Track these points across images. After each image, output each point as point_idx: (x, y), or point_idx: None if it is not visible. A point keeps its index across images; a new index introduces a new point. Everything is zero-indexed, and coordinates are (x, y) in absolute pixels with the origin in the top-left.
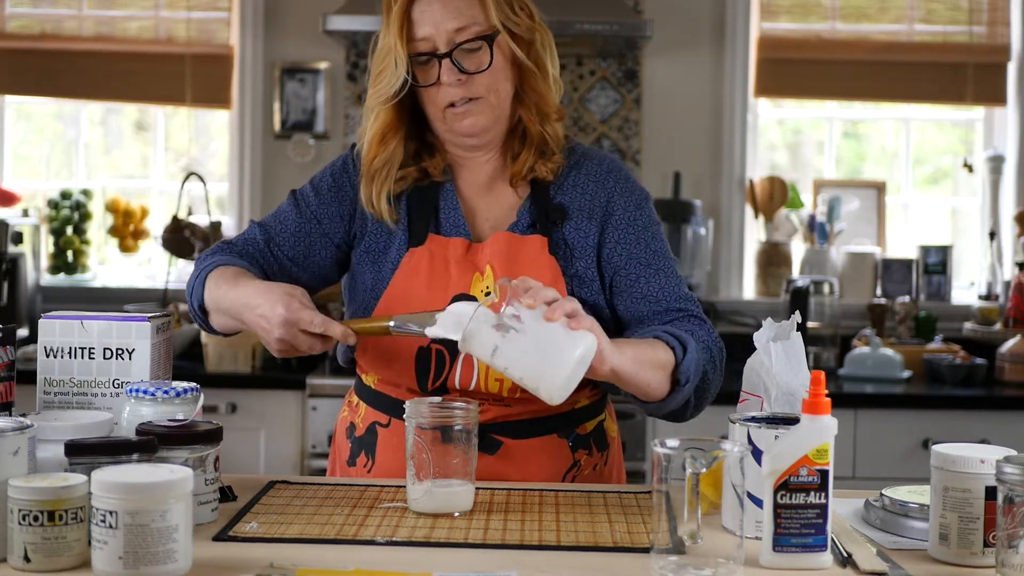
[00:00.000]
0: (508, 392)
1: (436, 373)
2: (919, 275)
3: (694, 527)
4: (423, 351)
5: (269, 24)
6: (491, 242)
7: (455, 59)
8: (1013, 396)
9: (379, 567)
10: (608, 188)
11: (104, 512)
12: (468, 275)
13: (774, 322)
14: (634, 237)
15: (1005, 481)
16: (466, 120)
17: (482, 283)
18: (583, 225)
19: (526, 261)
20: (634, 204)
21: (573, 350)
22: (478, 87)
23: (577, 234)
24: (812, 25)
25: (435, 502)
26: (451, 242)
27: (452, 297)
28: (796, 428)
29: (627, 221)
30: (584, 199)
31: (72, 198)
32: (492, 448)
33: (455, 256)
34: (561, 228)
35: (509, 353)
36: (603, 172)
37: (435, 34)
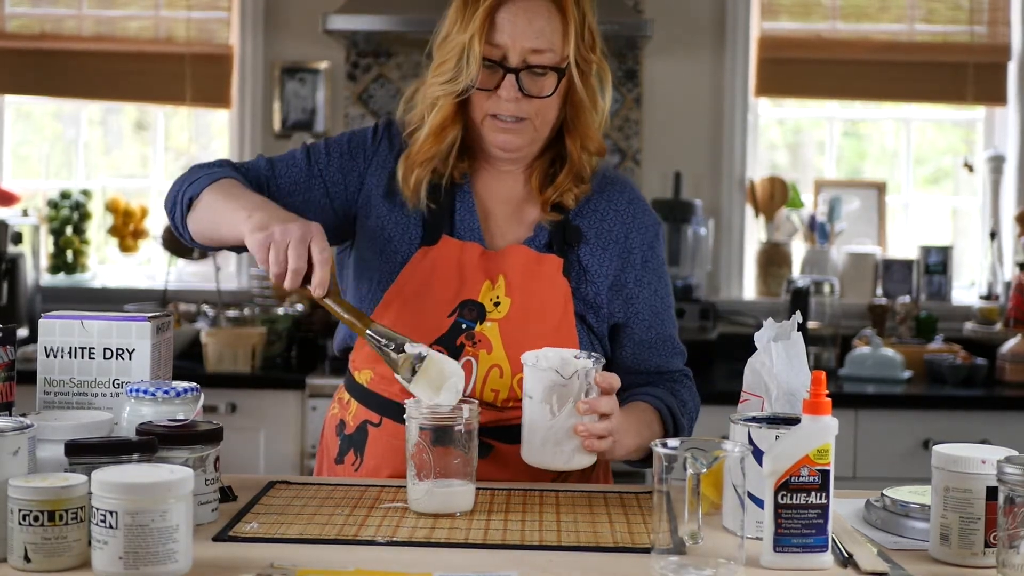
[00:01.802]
0: (502, 403)
1: None
2: (920, 275)
3: (695, 527)
4: None
5: (269, 24)
6: (509, 253)
7: (520, 78)
8: (1014, 396)
9: (379, 567)
10: (627, 221)
11: (104, 512)
12: (479, 282)
13: (775, 322)
14: (647, 283)
15: (1006, 481)
16: (503, 136)
17: (492, 292)
18: (598, 253)
19: (543, 279)
20: (649, 241)
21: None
22: (529, 110)
23: (592, 260)
24: (812, 25)
25: (436, 502)
26: (466, 246)
27: (459, 302)
28: (797, 428)
29: (642, 261)
30: (603, 226)
31: (72, 198)
32: (484, 451)
33: (469, 261)
34: (576, 251)
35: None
36: (624, 202)
37: (511, 46)
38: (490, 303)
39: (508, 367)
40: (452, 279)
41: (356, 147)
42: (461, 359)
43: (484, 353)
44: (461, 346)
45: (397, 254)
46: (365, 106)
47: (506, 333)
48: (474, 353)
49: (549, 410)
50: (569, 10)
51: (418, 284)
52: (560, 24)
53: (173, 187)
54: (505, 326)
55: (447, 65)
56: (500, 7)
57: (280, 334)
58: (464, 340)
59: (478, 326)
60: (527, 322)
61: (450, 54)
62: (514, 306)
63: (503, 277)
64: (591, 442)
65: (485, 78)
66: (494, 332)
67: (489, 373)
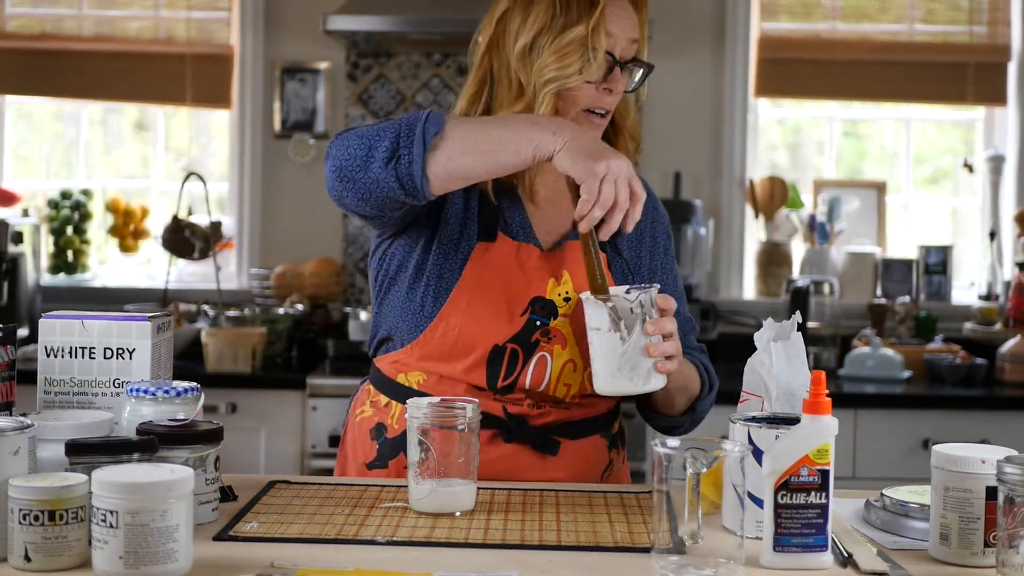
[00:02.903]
0: (571, 398)
1: (507, 371)
2: (919, 275)
3: (695, 527)
4: (497, 349)
5: (269, 24)
6: (570, 251)
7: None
8: (1013, 396)
9: (379, 567)
10: (649, 213)
11: (105, 512)
12: (544, 280)
13: (774, 322)
14: (670, 269)
15: (1006, 481)
16: (594, 131)
17: (559, 288)
18: (634, 245)
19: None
20: (666, 230)
21: (643, 385)
22: (613, 104)
23: (630, 252)
24: (812, 25)
25: (437, 502)
26: (522, 247)
27: (530, 299)
28: (796, 428)
29: (664, 249)
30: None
31: (72, 198)
32: (553, 448)
33: (528, 260)
34: (616, 244)
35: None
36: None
37: (620, 37)
38: (560, 299)
39: (580, 361)
40: (517, 277)
41: None
42: (535, 355)
43: (559, 348)
44: (536, 342)
45: (457, 252)
46: (365, 106)
47: (578, 328)
48: (549, 349)
49: (619, 337)
50: (643, 6)
51: (483, 280)
52: (638, 17)
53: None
54: (577, 320)
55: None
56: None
57: (280, 334)
58: (539, 336)
59: (552, 322)
60: None
61: (570, 49)
62: None
63: (567, 274)
64: (663, 363)
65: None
66: (567, 328)
67: (564, 368)
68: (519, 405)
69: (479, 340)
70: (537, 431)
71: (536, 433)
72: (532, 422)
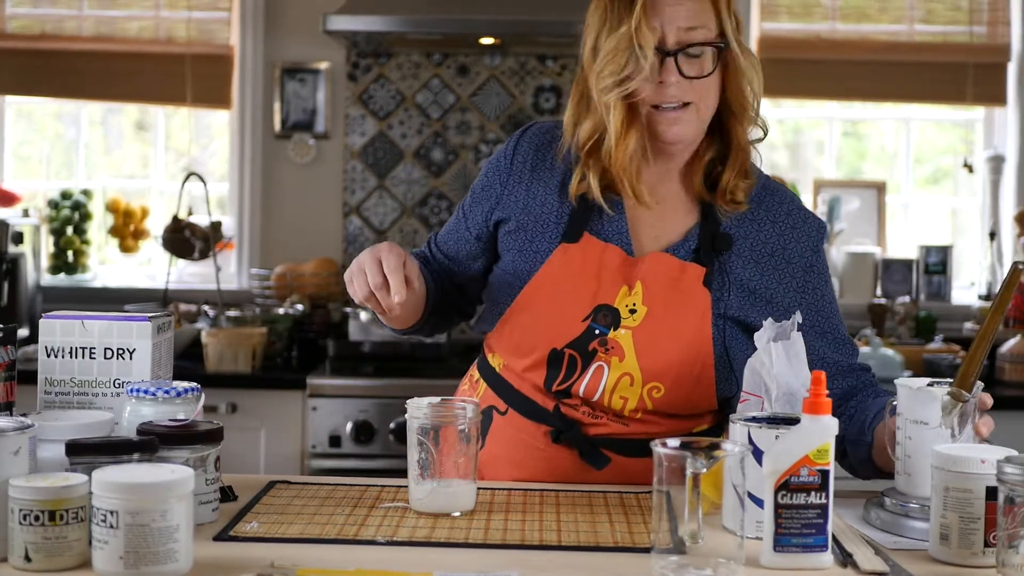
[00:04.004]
0: (629, 412)
1: (565, 376)
2: (919, 275)
3: (695, 527)
4: (556, 353)
5: (269, 24)
6: (650, 260)
7: (678, 60)
8: (1013, 396)
9: (380, 567)
10: (785, 232)
11: (105, 512)
12: (617, 286)
13: (775, 322)
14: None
15: (1006, 481)
16: (673, 128)
17: (628, 298)
18: (749, 265)
19: (680, 288)
20: (813, 246)
21: None
22: (692, 93)
23: (742, 272)
24: (812, 25)
25: (437, 502)
26: (608, 248)
27: (595, 307)
28: (797, 428)
29: (805, 268)
30: (759, 236)
31: (72, 198)
32: (600, 463)
33: (609, 264)
34: (724, 259)
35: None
36: (783, 213)
37: (667, 27)
38: (626, 310)
39: (639, 376)
40: (590, 281)
41: (491, 177)
42: (592, 365)
43: (616, 360)
44: (593, 351)
45: (536, 252)
46: (365, 107)
47: (639, 341)
48: (606, 359)
49: (950, 433)
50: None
51: (556, 282)
52: (709, 2)
53: None
54: (639, 334)
55: (616, 62)
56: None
57: (281, 334)
58: (597, 346)
59: (611, 332)
60: (661, 332)
61: (616, 50)
62: (650, 315)
63: (641, 283)
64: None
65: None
66: (627, 340)
67: (620, 381)
68: (574, 410)
69: (539, 341)
70: (587, 440)
71: (585, 442)
72: (586, 431)
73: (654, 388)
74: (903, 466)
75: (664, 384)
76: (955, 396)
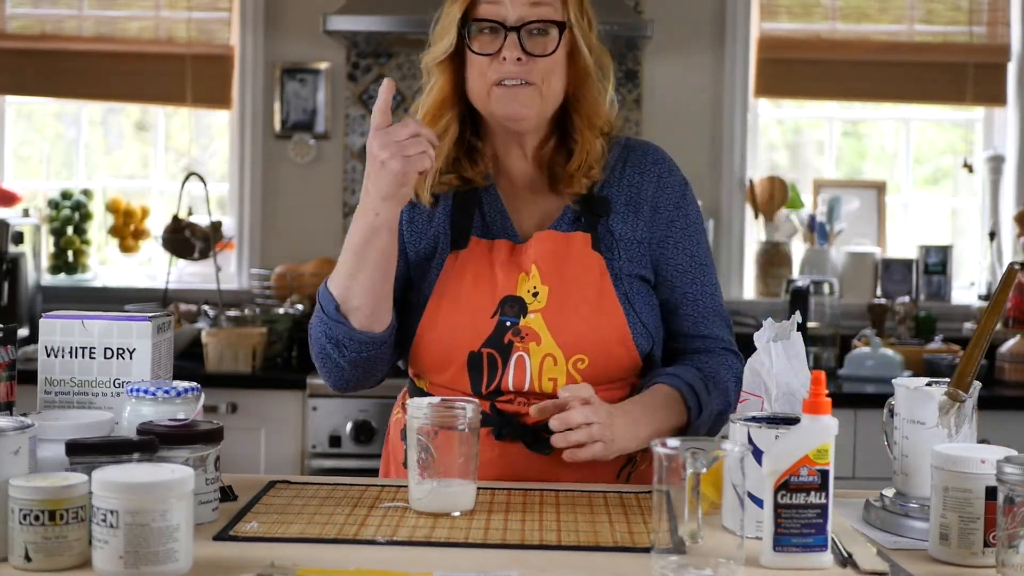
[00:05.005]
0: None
1: (489, 377)
2: (919, 275)
3: (695, 527)
4: (474, 356)
5: (269, 24)
6: (535, 241)
7: (521, 36)
8: (1013, 396)
9: (380, 567)
10: (653, 181)
11: (105, 511)
12: (514, 276)
13: (774, 322)
14: (681, 242)
15: (1005, 481)
16: (512, 105)
17: (528, 283)
18: (629, 219)
19: (572, 259)
20: (676, 201)
21: None
22: (535, 73)
23: (624, 228)
24: (812, 25)
25: (437, 502)
26: (495, 244)
27: (500, 300)
28: (796, 428)
29: (668, 221)
30: (631, 192)
31: (73, 198)
32: (546, 449)
33: (500, 258)
34: (607, 222)
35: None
36: (648, 163)
37: (508, 4)
38: (528, 295)
39: (560, 354)
40: (487, 278)
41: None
42: (513, 355)
43: (534, 346)
44: (510, 343)
45: (432, 267)
46: (365, 107)
47: (550, 321)
48: (524, 348)
49: (947, 433)
50: None
51: (454, 290)
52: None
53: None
54: (548, 314)
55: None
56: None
57: (281, 334)
58: (512, 337)
59: (522, 320)
60: (567, 305)
61: (442, 23)
62: (552, 293)
63: (535, 266)
64: (571, 452)
65: (485, 43)
66: (539, 323)
67: (544, 364)
68: (511, 404)
69: (455, 350)
70: (528, 430)
71: (527, 431)
72: (526, 421)
73: (578, 360)
74: (901, 466)
75: (586, 354)
76: (952, 396)
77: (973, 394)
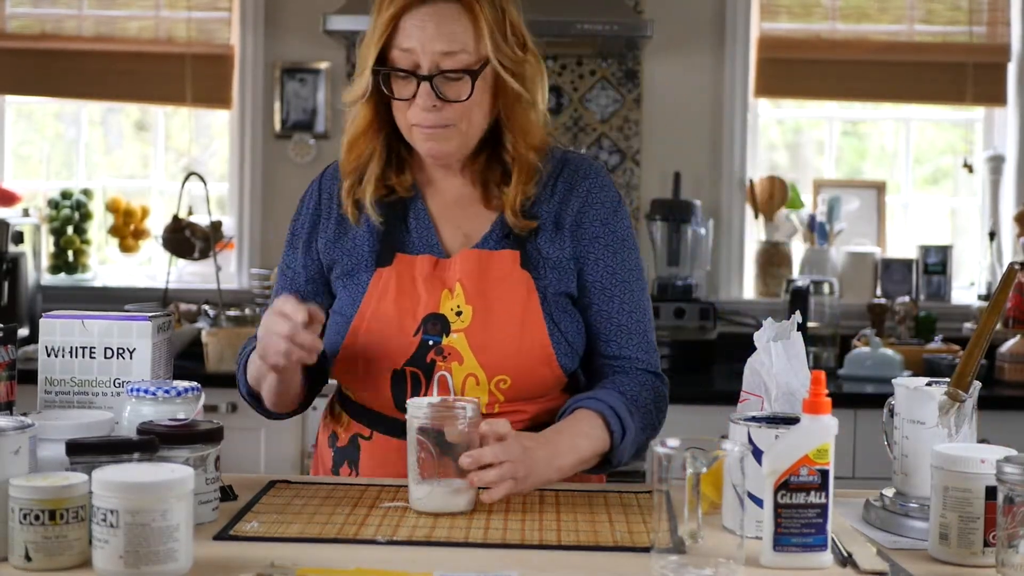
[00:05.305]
0: (485, 408)
1: (413, 394)
2: (919, 275)
3: (694, 527)
4: (397, 373)
5: (269, 24)
6: (460, 259)
7: (435, 84)
8: (1013, 396)
9: (380, 567)
10: (580, 196)
11: (105, 511)
12: (437, 293)
13: (774, 322)
14: (603, 259)
15: (1005, 481)
16: (429, 143)
17: (452, 301)
18: (556, 237)
19: (497, 278)
20: (603, 217)
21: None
22: (451, 115)
23: (551, 246)
24: (812, 25)
25: (437, 502)
26: (418, 259)
27: (423, 318)
28: (796, 428)
29: (592, 237)
30: (560, 208)
31: (73, 198)
32: None
33: (422, 274)
34: (535, 239)
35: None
36: (579, 178)
37: (420, 52)
38: (452, 313)
39: (482, 374)
40: (410, 296)
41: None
42: (436, 374)
43: (456, 365)
44: (432, 362)
45: (358, 284)
46: None
47: (473, 341)
48: (446, 367)
49: (947, 433)
50: (478, 9)
51: (377, 308)
52: (471, 23)
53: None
54: (471, 334)
55: (359, 75)
56: (405, 13)
57: None
58: (434, 356)
59: (444, 339)
60: (491, 326)
61: (360, 63)
62: (476, 312)
63: (459, 284)
64: (488, 494)
65: (401, 88)
66: (461, 343)
67: (465, 384)
68: None
69: (378, 368)
70: None
71: None
72: None
73: (500, 381)
74: (900, 465)
75: (509, 375)
76: (952, 396)
77: (973, 394)
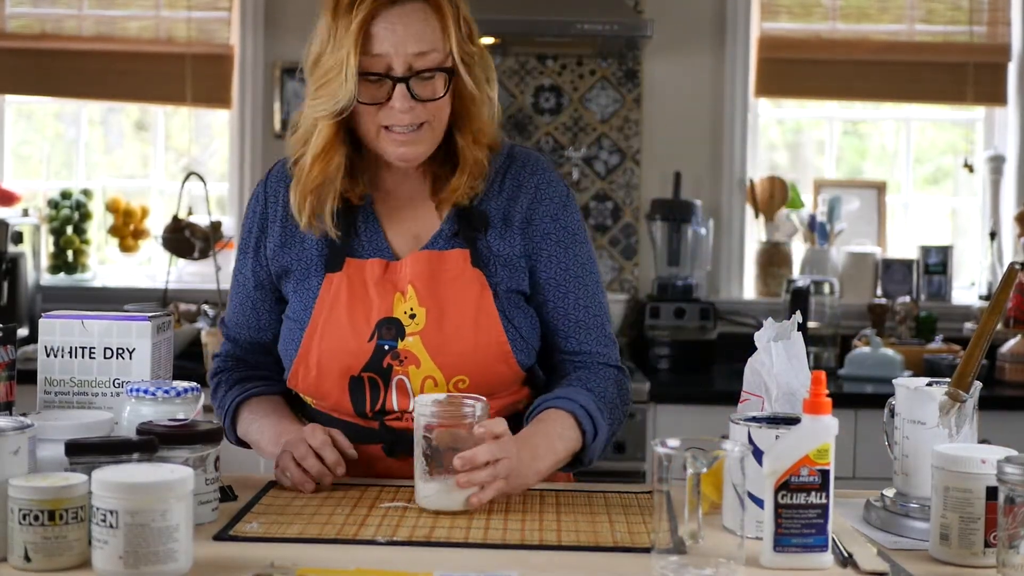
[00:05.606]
0: None
1: (372, 399)
2: (919, 275)
3: (695, 527)
4: (355, 379)
5: (269, 24)
6: (411, 261)
7: (410, 85)
8: (1013, 396)
9: (380, 567)
10: (529, 192)
11: (104, 511)
12: (389, 296)
13: (775, 322)
14: (555, 254)
15: (1006, 481)
16: (403, 148)
17: (404, 304)
18: (506, 233)
19: (449, 278)
20: (553, 213)
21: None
22: (424, 114)
23: (501, 243)
24: (812, 25)
25: (443, 499)
26: (368, 263)
27: (376, 322)
28: (797, 428)
29: (543, 234)
30: (508, 205)
31: (72, 198)
32: None
33: (373, 278)
34: (485, 237)
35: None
36: (526, 174)
37: (393, 55)
38: (406, 316)
39: (440, 376)
40: (362, 301)
41: (252, 231)
42: (393, 379)
43: (413, 369)
44: (389, 367)
45: (309, 291)
46: None
47: (429, 344)
48: (404, 371)
49: (948, 433)
50: (444, 6)
51: (329, 314)
52: (438, 22)
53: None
54: (426, 337)
55: (330, 87)
56: (374, 18)
57: None
58: (391, 361)
59: (400, 343)
60: (445, 327)
61: (330, 75)
62: (430, 314)
63: (411, 287)
64: (477, 496)
65: (373, 92)
66: (417, 346)
67: (423, 387)
68: (400, 421)
69: (334, 374)
70: None
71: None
72: None
73: (459, 381)
74: (901, 466)
75: (467, 375)
76: (952, 396)
77: (974, 394)
